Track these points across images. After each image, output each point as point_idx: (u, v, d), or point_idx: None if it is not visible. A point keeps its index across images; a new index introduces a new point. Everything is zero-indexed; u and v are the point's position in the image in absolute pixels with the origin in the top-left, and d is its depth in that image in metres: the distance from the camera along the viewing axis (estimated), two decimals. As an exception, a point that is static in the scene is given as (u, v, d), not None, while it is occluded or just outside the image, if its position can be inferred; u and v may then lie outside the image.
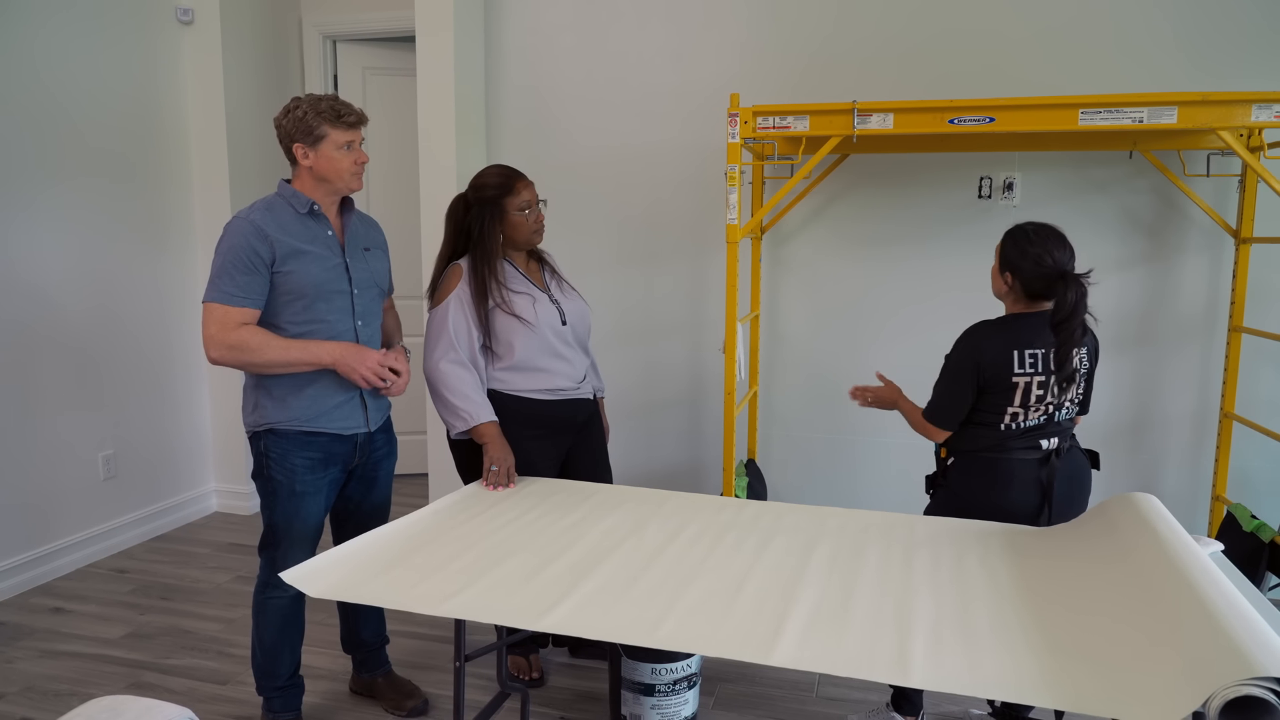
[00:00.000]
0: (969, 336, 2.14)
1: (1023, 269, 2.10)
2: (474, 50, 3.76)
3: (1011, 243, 2.13)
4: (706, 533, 2.01)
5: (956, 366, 2.13)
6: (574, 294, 2.59)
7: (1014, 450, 2.12)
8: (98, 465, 3.58)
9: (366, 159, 2.19)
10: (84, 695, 2.55)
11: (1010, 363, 2.08)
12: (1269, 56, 3.08)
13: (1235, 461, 3.24)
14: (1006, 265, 2.14)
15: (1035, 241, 2.09)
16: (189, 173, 3.96)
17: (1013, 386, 2.08)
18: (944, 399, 2.16)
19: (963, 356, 2.12)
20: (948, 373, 2.15)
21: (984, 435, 2.15)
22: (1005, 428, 2.12)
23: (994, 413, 2.12)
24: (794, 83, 3.51)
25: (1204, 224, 3.22)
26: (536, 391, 2.45)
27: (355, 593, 1.67)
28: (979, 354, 2.10)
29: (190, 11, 3.84)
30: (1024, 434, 2.12)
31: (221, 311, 2.08)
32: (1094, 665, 1.36)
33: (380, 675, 2.56)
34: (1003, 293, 2.18)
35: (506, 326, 2.40)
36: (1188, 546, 1.60)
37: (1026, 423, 2.11)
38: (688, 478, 3.85)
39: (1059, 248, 2.08)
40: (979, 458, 2.16)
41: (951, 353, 2.16)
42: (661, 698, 2.21)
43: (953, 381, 2.14)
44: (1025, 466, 2.12)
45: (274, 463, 2.20)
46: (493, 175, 2.43)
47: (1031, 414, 2.11)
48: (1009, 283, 2.14)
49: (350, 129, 2.13)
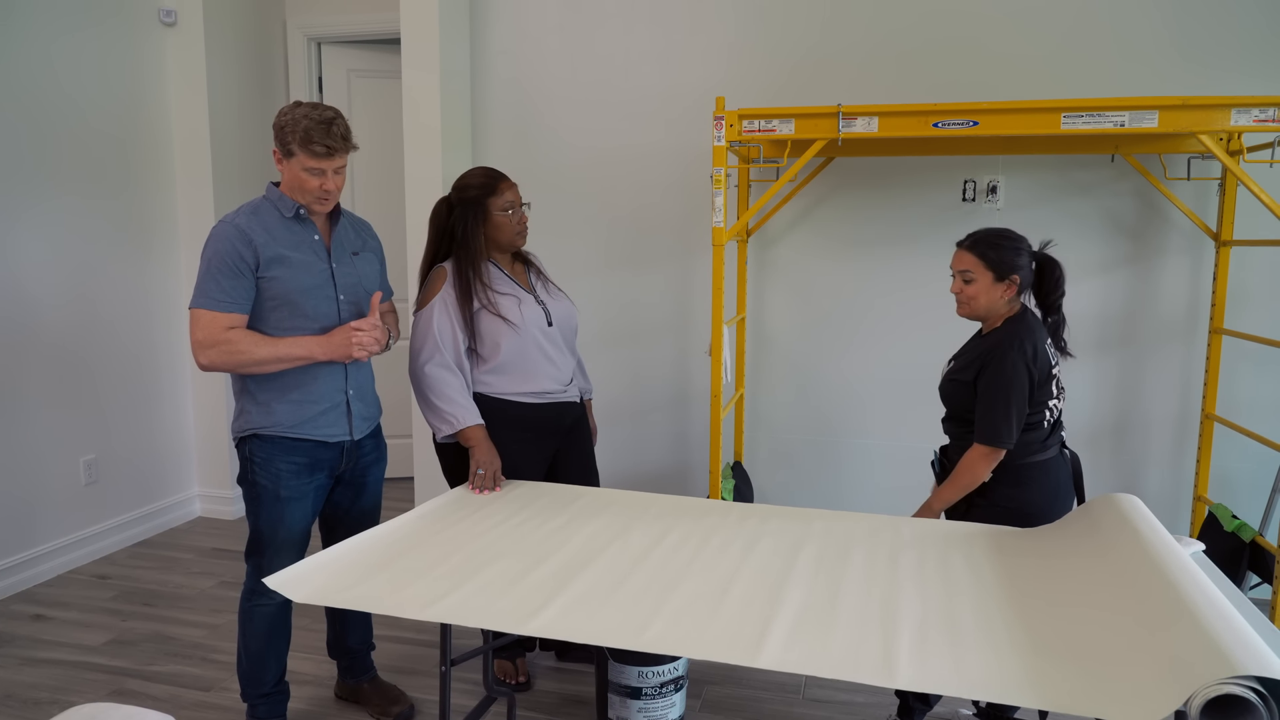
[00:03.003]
0: (1019, 346, 2.07)
1: (1023, 265, 2.12)
2: (460, 53, 3.75)
3: (997, 247, 2.12)
4: (693, 535, 2.01)
5: (1017, 378, 2.05)
6: (560, 295, 2.59)
7: (1050, 447, 2.14)
8: (79, 470, 3.55)
9: (333, 188, 2.12)
10: (65, 703, 2.53)
11: (1049, 356, 2.11)
12: (1255, 57, 3.12)
13: (1216, 462, 3.27)
14: (1008, 268, 2.11)
15: (1014, 236, 2.14)
16: (172, 175, 3.93)
17: (1051, 378, 2.12)
18: (1009, 416, 2.06)
19: (1021, 367, 2.06)
20: (1007, 389, 2.06)
21: (1032, 439, 2.12)
22: (1047, 424, 2.13)
23: (1039, 412, 2.11)
24: (779, 86, 3.52)
25: (1185, 227, 3.25)
26: (522, 395, 2.44)
27: (340, 597, 1.66)
28: (1030, 357, 2.07)
29: (173, 13, 3.81)
30: (1055, 427, 2.16)
31: (208, 317, 2.06)
32: (1077, 665, 1.37)
33: (366, 681, 2.54)
34: (1002, 299, 2.14)
35: (492, 328, 2.40)
36: (1170, 547, 1.61)
37: (1057, 413, 2.15)
38: (674, 480, 3.85)
39: (1023, 238, 2.16)
40: (1027, 465, 2.11)
41: (1005, 367, 2.07)
42: (648, 701, 2.21)
43: (1015, 395, 2.06)
44: (1059, 465, 2.15)
45: (259, 467, 2.19)
46: (476, 176, 2.42)
47: (1060, 404, 2.16)
48: (1016, 284, 2.12)
49: (315, 157, 2.06)
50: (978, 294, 2.15)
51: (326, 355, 2.14)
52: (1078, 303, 3.37)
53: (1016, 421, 2.07)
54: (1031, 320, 2.15)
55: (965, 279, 2.16)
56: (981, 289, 2.14)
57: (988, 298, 2.14)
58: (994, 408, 2.07)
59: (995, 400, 2.06)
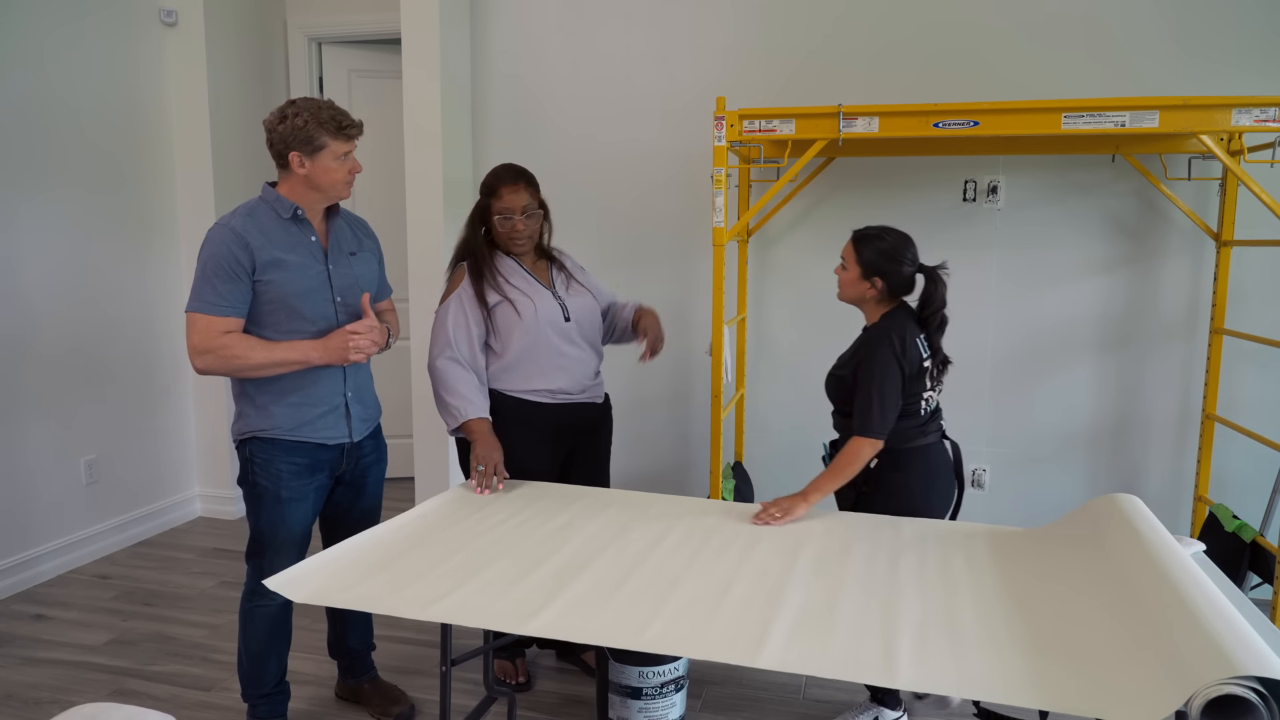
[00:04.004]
0: (888, 340, 2.18)
1: (892, 271, 2.20)
2: (460, 53, 3.75)
3: (874, 249, 2.21)
4: (693, 535, 2.01)
5: (887, 371, 2.16)
6: (585, 293, 2.55)
7: (930, 434, 2.26)
8: (80, 470, 3.55)
9: (360, 169, 2.17)
10: (66, 703, 2.53)
11: (920, 348, 2.20)
12: (1255, 57, 3.11)
13: (1217, 462, 3.26)
14: (874, 270, 2.21)
15: (895, 245, 2.21)
16: (173, 175, 3.93)
17: (924, 370, 2.21)
18: (883, 407, 2.16)
19: (890, 360, 2.17)
20: (879, 381, 2.15)
21: (908, 426, 2.22)
22: (923, 412, 2.23)
23: (914, 401, 2.22)
24: (780, 86, 3.52)
25: (1185, 227, 3.25)
26: (533, 393, 2.44)
27: (341, 597, 1.66)
28: (903, 355, 2.17)
29: (174, 13, 3.81)
30: (933, 415, 2.27)
31: (205, 321, 2.06)
32: (1078, 665, 1.37)
33: (366, 681, 2.55)
34: (866, 296, 2.25)
35: (506, 323, 2.40)
36: (1170, 547, 1.61)
37: (933, 404, 2.26)
38: (674, 480, 3.85)
39: (912, 245, 2.23)
40: (906, 450, 2.23)
41: (875, 362, 2.17)
42: (649, 701, 2.21)
43: (886, 387, 2.16)
44: (939, 450, 2.27)
45: (259, 468, 2.18)
46: (488, 174, 2.44)
47: (936, 395, 2.26)
48: (877, 286, 2.23)
49: (350, 140, 2.11)
50: (845, 284, 2.28)
51: (323, 359, 2.14)
52: (1078, 303, 3.37)
53: (890, 411, 2.17)
54: (902, 315, 2.24)
55: (842, 265, 2.28)
56: (849, 280, 2.26)
57: (853, 290, 2.27)
58: (869, 400, 2.16)
59: (869, 393, 2.16)
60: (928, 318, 2.23)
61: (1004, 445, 3.50)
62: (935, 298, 2.21)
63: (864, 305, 2.29)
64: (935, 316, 2.23)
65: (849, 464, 2.17)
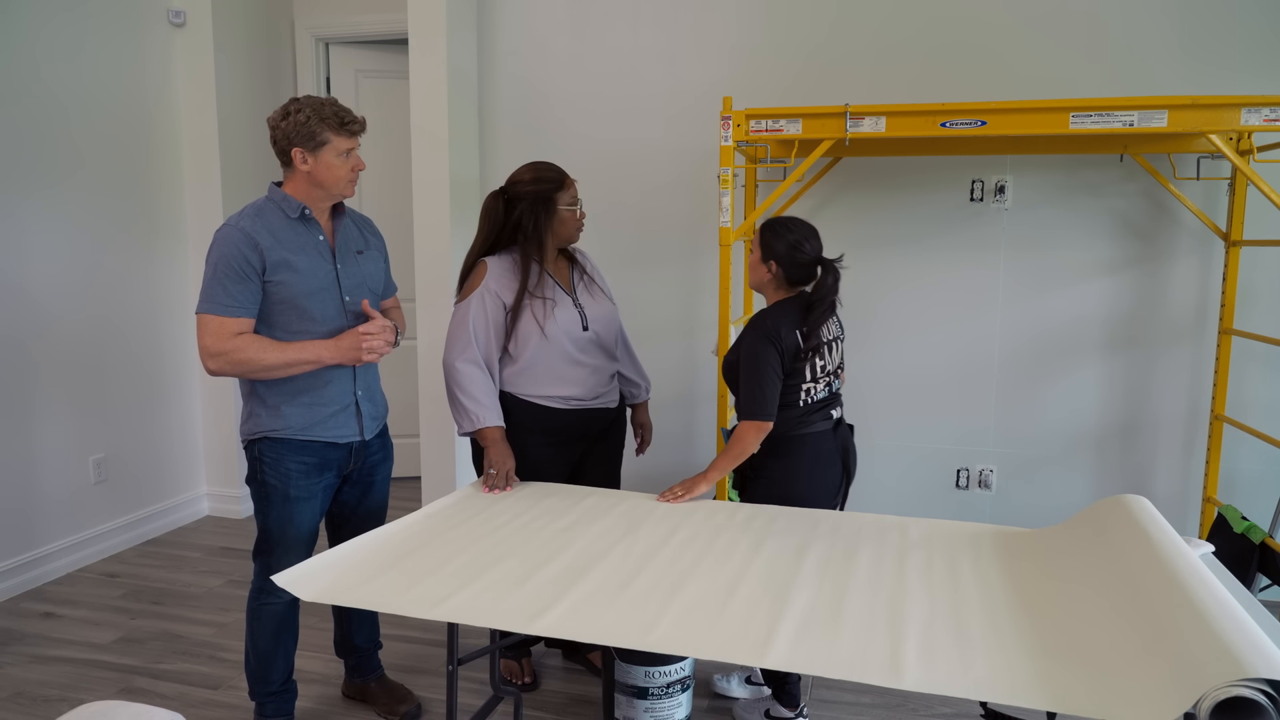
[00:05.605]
0: (760, 326, 2.23)
1: (785, 257, 2.26)
2: (467, 53, 3.76)
3: (773, 235, 2.28)
4: (700, 535, 2.01)
5: (760, 356, 2.21)
6: (603, 297, 2.55)
7: (814, 423, 2.29)
8: (88, 469, 3.56)
9: (363, 166, 2.18)
10: (74, 701, 2.54)
11: (798, 341, 2.22)
12: (1264, 56, 3.10)
13: (1225, 463, 3.25)
14: (770, 255, 2.28)
15: (795, 232, 2.26)
16: (181, 175, 3.95)
17: (804, 363, 2.23)
18: (760, 391, 2.21)
19: (763, 345, 2.21)
20: (753, 366, 2.21)
21: (789, 415, 2.25)
22: (804, 404, 2.26)
23: (793, 392, 2.24)
24: (787, 86, 3.51)
25: (1194, 227, 3.24)
26: (546, 399, 2.43)
27: (348, 596, 1.67)
28: (777, 339, 2.20)
29: (182, 14, 3.83)
30: (819, 407, 2.29)
31: (216, 323, 2.06)
32: (1086, 667, 1.36)
33: (373, 680, 2.55)
34: (765, 281, 2.32)
35: (526, 328, 2.39)
36: (1178, 548, 1.61)
37: (818, 395, 2.28)
38: (681, 480, 3.84)
39: (814, 237, 2.29)
40: (788, 437, 2.27)
41: (747, 348, 2.23)
42: (655, 700, 2.21)
43: (761, 372, 2.21)
44: (824, 438, 2.30)
45: (268, 468, 2.19)
46: (546, 169, 2.42)
47: (819, 387, 2.27)
48: (773, 271, 2.29)
49: (352, 137, 2.12)
50: (749, 267, 2.36)
51: (335, 359, 2.14)
52: (1086, 303, 3.36)
53: (769, 393, 2.21)
54: (790, 305, 2.28)
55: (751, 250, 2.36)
56: (751, 263, 2.35)
57: (754, 273, 2.34)
58: (746, 384, 2.23)
59: (746, 378, 2.23)
60: (813, 304, 2.25)
61: (1011, 446, 3.49)
62: (823, 286, 2.25)
63: (764, 289, 2.34)
64: (820, 305, 2.25)
65: (735, 446, 2.24)
